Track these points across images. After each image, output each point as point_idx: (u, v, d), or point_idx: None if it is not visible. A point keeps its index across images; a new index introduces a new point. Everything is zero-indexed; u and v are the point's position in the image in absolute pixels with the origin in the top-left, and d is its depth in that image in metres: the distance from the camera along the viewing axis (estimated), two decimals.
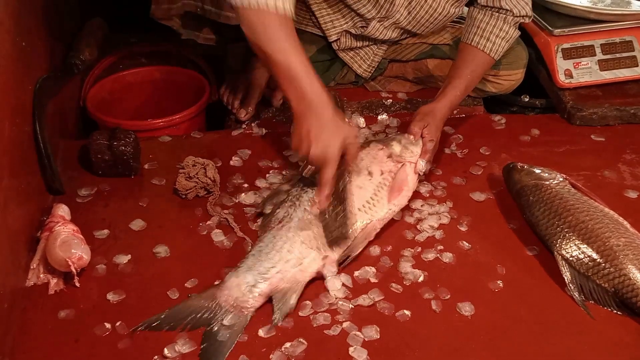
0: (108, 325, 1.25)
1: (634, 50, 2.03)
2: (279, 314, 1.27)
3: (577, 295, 1.33)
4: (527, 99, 2.11)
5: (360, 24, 1.86)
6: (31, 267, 1.36)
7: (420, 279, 1.37)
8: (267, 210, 1.49)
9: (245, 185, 1.64)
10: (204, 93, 2.01)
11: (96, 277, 1.37)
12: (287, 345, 1.21)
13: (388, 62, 2.04)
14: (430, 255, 1.43)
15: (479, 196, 1.62)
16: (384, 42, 1.95)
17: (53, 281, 1.34)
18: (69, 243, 1.33)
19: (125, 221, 1.51)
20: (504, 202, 1.60)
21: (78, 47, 1.83)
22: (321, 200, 1.39)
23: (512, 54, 1.90)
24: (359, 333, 1.24)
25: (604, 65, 2.02)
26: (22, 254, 1.36)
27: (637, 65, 2.03)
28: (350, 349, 1.21)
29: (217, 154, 1.74)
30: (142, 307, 1.28)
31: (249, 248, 1.40)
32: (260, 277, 1.30)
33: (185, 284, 1.34)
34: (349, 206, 1.42)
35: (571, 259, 1.36)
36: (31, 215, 1.45)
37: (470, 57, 1.72)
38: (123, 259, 1.41)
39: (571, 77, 2.00)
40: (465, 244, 1.47)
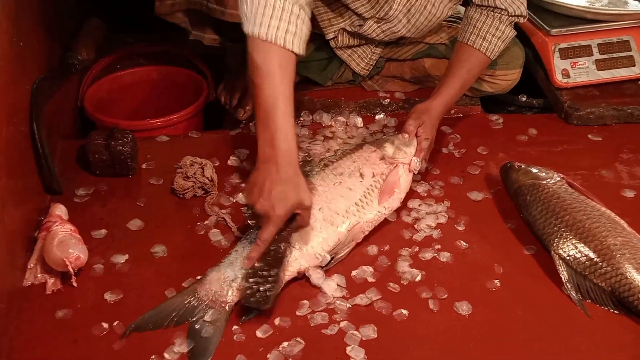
0: (106, 325, 1.25)
1: (631, 50, 2.03)
2: (252, 313, 1.27)
3: (574, 294, 1.33)
4: (525, 99, 2.11)
5: (357, 23, 1.86)
6: (28, 267, 1.36)
7: (418, 278, 1.37)
8: None
9: (243, 185, 1.64)
10: (202, 93, 2.01)
11: (94, 277, 1.37)
12: (285, 344, 1.22)
13: (385, 62, 2.04)
14: (427, 255, 1.43)
15: (476, 195, 1.62)
16: (381, 42, 1.95)
17: (50, 281, 1.34)
18: (66, 243, 1.33)
19: (123, 221, 1.51)
20: (502, 202, 1.60)
21: (75, 47, 1.83)
22: (249, 258, 1.29)
23: (509, 54, 1.90)
24: (356, 332, 1.24)
25: (601, 65, 2.02)
26: (20, 253, 1.36)
27: (634, 65, 2.03)
28: (348, 348, 1.21)
29: (215, 153, 1.74)
30: (140, 307, 1.28)
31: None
32: (240, 273, 1.30)
33: (183, 284, 1.34)
34: (279, 275, 1.28)
35: (568, 258, 1.36)
36: (28, 215, 1.45)
37: (466, 56, 1.72)
38: (121, 259, 1.41)
39: (568, 77, 2.00)
40: (463, 244, 1.47)
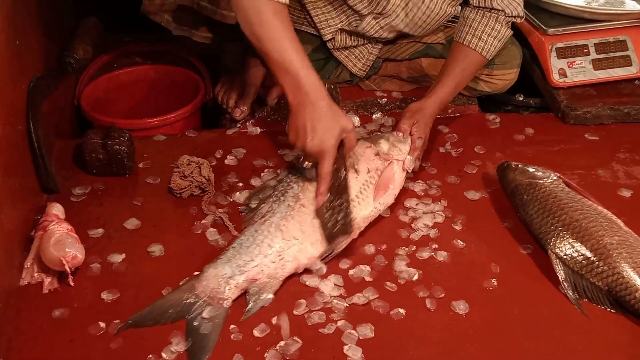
0: (102, 324, 1.25)
1: (627, 50, 2.04)
2: (253, 308, 1.28)
3: (571, 293, 1.33)
4: (522, 98, 2.12)
5: (355, 22, 1.86)
6: (25, 267, 1.36)
7: (415, 277, 1.38)
8: (253, 205, 1.51)
9: (240, 184, 1.64)
10: (199, 92, 2.01)
11: (90, 276, 1.37)
12: (282, 343, 1.22)
13: (382, 61, 2.04)
14: (424, 254, 1.44)
15: (473, 195, 1.63)
16: (378, 41, 1.95)
17: (47, 280, 1.34)
18: (63, 242, 1.33)
19: (120, 220, 1.51)
20: (499, 201, 1.60)
21: (72, 46, 1.83)
22: (321, 193, 1.38)
23: (506, 54, 1.90)
24: (353, 331, 1.24)
25: (597, 64, 2.03)
26: (16, 253, 1.36)
27: (631, 65, 2.04)
28: (345, 348, 1.21)
29: (212, 153, 1.74)
30: (137, 306, 1.28)
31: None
32: (238, 270, 1.31)
33: (180, 283, 1.33)
34: (348, 199, 1.41)
35: (565, 257, 1.36)
36: (25, 214, 1.44)
37: (461, 56, 1.72)
38: (117, 258, 1.41)
39: (565, 77, 2.01)
40: (460, 243, 1.47)
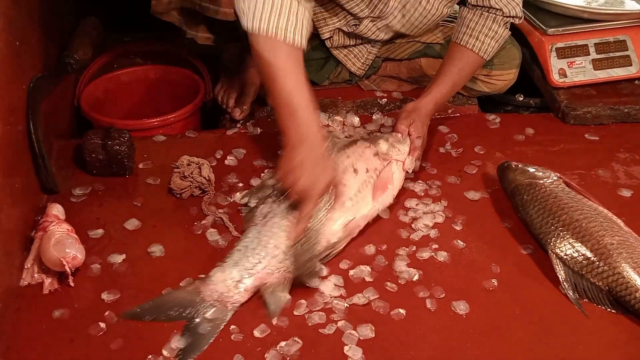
0: (103, 324, 1.25)
1: (627, 50, 2.04)
2: (275, 309, 1.27)
3: (572, 293, 1.33)
4: (522, 98, 2.12)
5: (353, 23, 1.86)
6: (25, 267, 1.36)
7: (415, 277, 1.38)
8: (252, 204, 1.51)
9: (240, 184, 1.64)
10: (199, 92, 2.01)
11: (91, 277, 1.37)
12: (282, 344, 1.21)
13: (382, 61, 2.04)
14: (425, 254, 1.44)
15: (473, 195, 1.63)
16: (377, 42, 1.95)
17: (47, 281, 1.34)
18: (63, 242, 1.33)
19: (120, 220, 1.51)
20: (499, 201, 1.60)
21: (72, 46, 1.83)
22: (296, 233, 1.35)
23: (505, 54, 1.90)
24: (354, 332, 1.24)
25: (597, 64, 2.02)
26: (16, 253, 1.36)
27: (631, 65, 2.03)
28: (345, 348, 1.21)
29: (212, 153, 1.74)
30: None
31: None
32: (246, 273, 1.30)
33: (180, 284, 1.33)
34: (316, 251, 1.36)
35: (565, 257, 1.36)
36: (25, 214, 1.44)
37: (458, 56, 1.73)
38: (118, 259, 1.41)
39: (565, 77, 2.01)
40: (460, 243, 1.47)
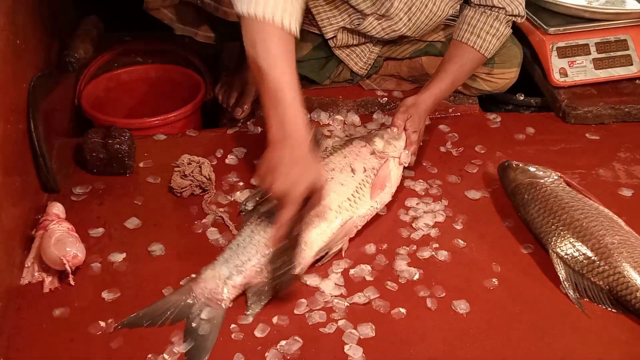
0: (103, 323, 1.25)
1: (628, 49, 2.03)
2: (254, 308, 1.28)
3: (572, 292, 1.33)
4: (522, 98, 2.12)
5: (356, 20, 1.86)
6: (26, 266, 1.36)
7: (416, 277, 1.38)
8: (249, 207, 1.51)
9: (241, 183, 1.64)
10: (200, 91, 2.01)
11: (91, 276, 1.37)
12: (283, 343, 1.21)
13: (383, 60, 2.04)
14: (425, 254, 1.43)
15: (474, 194, 1.63)
16: (380, 41, 1.95)
17: (48, 280, 1.34)
18: (63, 241, 1.33)
19: (120, 219, 1.51)
20: (499, 200, 1.60)
21: (73, 45, 1.83)
22: (274, 240, 1.29)
23: (507, 53, 1.90)
24: (354, 331, 1.24)
25: (598, 63, 2.02)
26: (17, 252, 1.36)
27: (632, 64, 2.03)
28: (346, 347, 1.21)
29: (212, 152, 1.74)
30: (137, 306, 1.28)
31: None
32: (235, 270, 1.31)
33: (181, 282, 1.33)
34: (294, 259, 1.30)
35: (566, 256, 1.36)
36: (26, 213, 1.44)
37: (459, 53, 1.73)
38: (118, 257, 1.41)
39: (566, 76, 2.01)
40: (461, 242, 1.47)
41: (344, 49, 1.97)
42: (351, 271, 1.38)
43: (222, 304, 1.28)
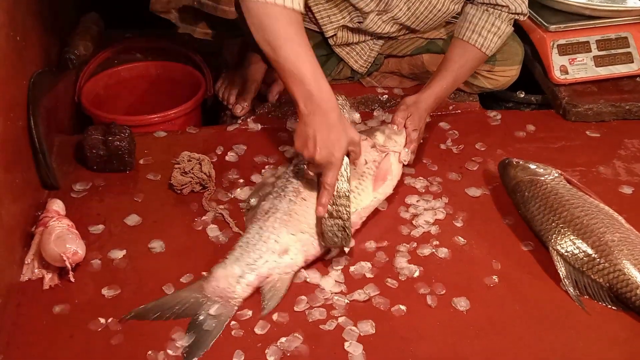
0: (103, 320, 1.25)
1: (629, 47, 2.03)
2: (270, 304, 1.28)
3: (572, 290, 1.33)
4: (523, 95, 2.11)
5: (357, 18, 1.85)
6: (26, 262, 1.36)
7: (416, 274, 1.38)
8: (253, 203, 1.51)
9: (241, 180, 1.64)
10: (200, 88, 2.01)
11: (91, 272, 1.37)
12: (283, 340, 1.22)
13: (384, 58, 2.04)
14: (425, 251, 1.43)
15: (474, 192, 1.62)
16: (381, 37, 1.95)
17: (48, 276, 1.34)
18: (63, 238, 1.33)
19: (121, 216, 1.51)
20: (500, 198, 1.60)
21: (73, 42, 1.83)
22: (322, 204, 1.36)
23: (508, 50, 1.90)
24: (354, 328, 1.24)
25: (599, 61, 2.02)
26: (17, 249, 1.36)
27: (633, 62, 2.03)
28: (346, 344, 1.21)
29: (213, 149, 1.74)
30: (137, 303, 1.28)
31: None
32: (247, 268, 1.30)
33: (181, 279, 1.33)
34: (349, 211, 1.37)
35: (566, 254, 1.36)
36: (26, 210, 1.44)
37: (460, 51, 1.72)
38: (118, 254, 1.41)
39: (566, 73, 2.00)
40: (461, 240, 1.47)
41: (343, 47, 1.97)
42: (351, 268, 1.38)
43: (234, 302, 1.28)
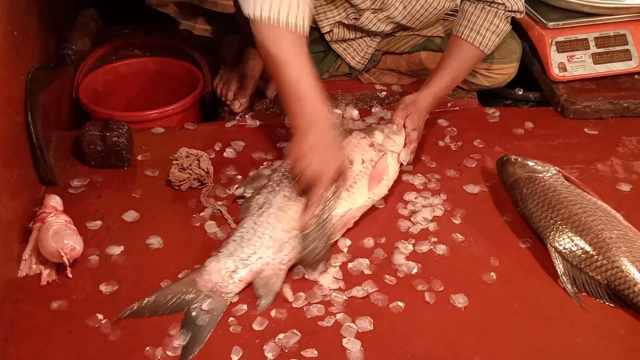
0: (100, 316, 1.25)
1: (627, 44, 2.03)
2: (265, 301, 1.28)
3: (570, 287, 1.33)
4: (521, 92, 2.11)
5: (353, 15, 1.85)
6: (23, 258, 1.35)
7: (414, 270, 1.38)
8: (247, 194, 1.50)
9: (239, 176, 1.63)
10: (198, 84, 2.00)
11: (89, 268, 1.36)
12: (281, 336, 1.22)
13: (382, 55, 2.03)
14: (424, 248, 1.43)
15: (472, 189, 1.62)
16: (377, 35, 1.95)
17: (45, 272, 1.33)
18: (61, 234, 1.33)
19: (118, 212, 1.51)
20: (498, 195, 1.60)
21: (71, 38, 1.82)
22: (306, 219, 1.35)
23: (506, 48, 1.90)
24: (352, 324, 1.24)
25: (597, 58, 2.02)
26: (14, 244, 1.36)
27: (631, 59, 2.03)
28: (344, 340, 1.21)
29: (211, 145, 1.74)
30: (135, 299, 1.27)
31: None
32: (241, 263, 1.30)
33: (179, 275, 1.33)
34: (329, 234, 1.37)
35: (564, 251, 1.36)
36: (23, 206, 1.44)
37: (458, 50, 1.72)
38: (116, 250, 1.41)
39: (565, 71, 2.00)
40: (459, 236, 1.47)
41: (340, 43, 1.97)
42: (349, 265, 1.38)
43: (226, 297, 1.28)
